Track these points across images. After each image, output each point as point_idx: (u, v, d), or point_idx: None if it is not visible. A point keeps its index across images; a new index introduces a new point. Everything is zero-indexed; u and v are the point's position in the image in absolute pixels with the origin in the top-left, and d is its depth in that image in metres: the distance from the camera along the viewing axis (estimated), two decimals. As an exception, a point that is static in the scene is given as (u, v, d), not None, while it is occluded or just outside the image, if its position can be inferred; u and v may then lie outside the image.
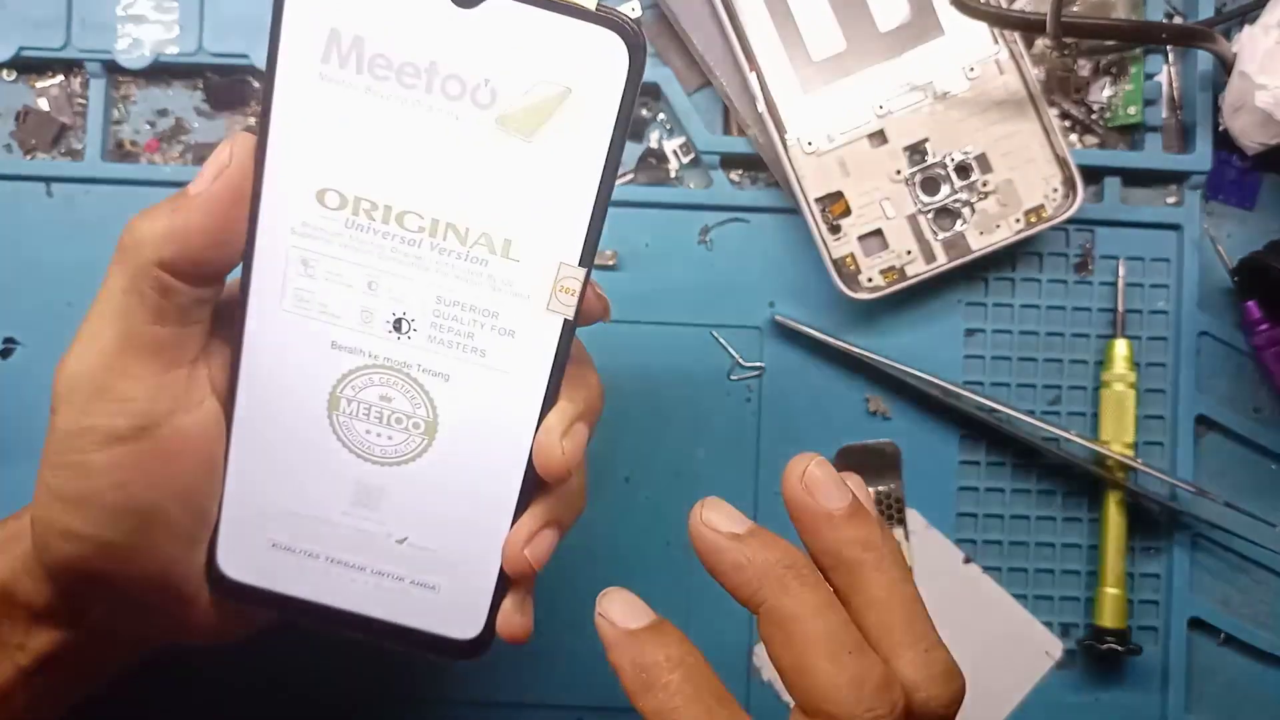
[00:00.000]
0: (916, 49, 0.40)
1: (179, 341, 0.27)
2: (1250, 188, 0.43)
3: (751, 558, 0.25)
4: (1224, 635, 0.42)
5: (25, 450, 0.40)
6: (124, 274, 0.26)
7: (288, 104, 0.25)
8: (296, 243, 0.26)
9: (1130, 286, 0.42)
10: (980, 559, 0.42)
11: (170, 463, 0.27)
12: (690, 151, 0.42)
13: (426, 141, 0.25)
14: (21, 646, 0.30)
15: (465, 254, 0.26)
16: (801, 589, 0.25)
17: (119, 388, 0.26)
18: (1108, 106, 0.42)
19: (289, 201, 0.26)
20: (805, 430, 0.41)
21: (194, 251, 0.26)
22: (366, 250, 0.26)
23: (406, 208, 0.26)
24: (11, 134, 0.41)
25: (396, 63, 0.25)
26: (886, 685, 0.24)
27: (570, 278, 0.27)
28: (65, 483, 0.26)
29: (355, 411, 0.28)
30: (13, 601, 0.29)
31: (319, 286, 0.27)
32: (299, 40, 0.25)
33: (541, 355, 0.27)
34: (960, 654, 0.27)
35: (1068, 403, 0.42)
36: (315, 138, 0.25)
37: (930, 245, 0.40)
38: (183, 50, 0.41)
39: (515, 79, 0.25)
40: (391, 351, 0.27)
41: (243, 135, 0.26)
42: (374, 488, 0.28)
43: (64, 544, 0.27)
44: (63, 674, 0.30)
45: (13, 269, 0.41)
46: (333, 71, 0.25)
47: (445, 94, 0.25)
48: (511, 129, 0.25)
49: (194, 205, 0.26)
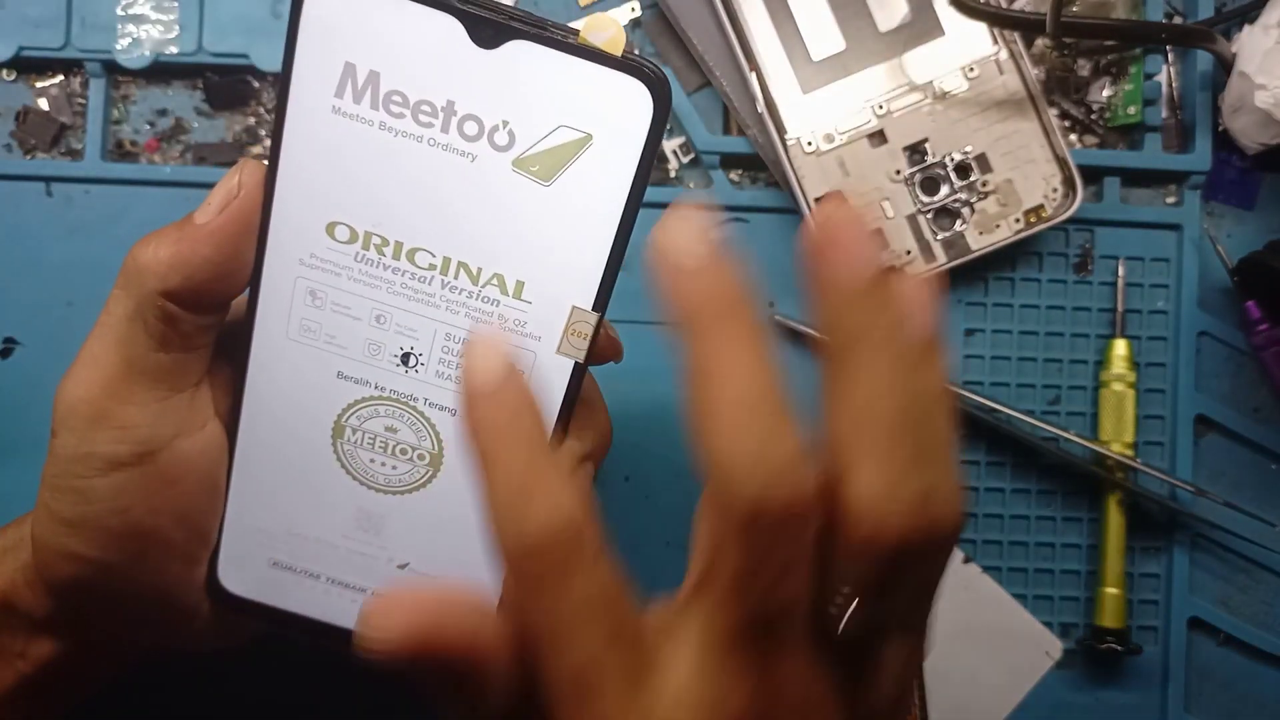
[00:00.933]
0: (916, 49, 0.40)
1: (182, 367, 0.27)
2: (1250, 188, 0.43)
3: (690, 291, 0.20)
4: (1224, 635, 0.42)
5: (25, 450, 0.40)
6: (128, 301, 0.26)
7: (299, 136, 0.25)
8: (304, 274, 0.26)
9: (1130, 286, 0.42)
10: (980, 559, 0.42)
11: (172, 486, 0.27)
12: (690, 151, 0.42)
13: (440, 180, 0.25)
14: (22, 655, 0.30)
15: (476, 293, 0.26)
16: (725, 340, 0.19)
17: (121, 414, 0.26)
18: (1107, 106, 0.42)
19: (298, 233, 0.26)
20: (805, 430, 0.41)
21: (200, 283, 0.25)
22: (376, 285, 0.26)
23: (418, 245, 0.26)
24: (11, 134, 0.41)
25: (413, 100, 0.24)
26: (800, 469, 0.19)
27: (582, 322, 0.26)
28: (66, 507, 0.26)
29: (360, 441, 0.28)
30: (13, 612, 0.29)
31: (326, 318, 0.26)
32: (313, 73, 0.24)
33: (550, 395, 0.27)
34: (960, 654, 0.26)
35: (1067, 403, 0.42)
36: (326, 171, 0.25)
37: (930, 245, 0.40)
38: (183, 50, 0.41)
39: (535, 123, 0.24)
40: (398, 384, 0.27)
41: (252, 164, 0.26)
42: (376, 515, 0.28)
43: (65, 565, 0.27)
44: (63, 680, 0.30)
45: (13, 269, 0.41)
46: (347, 106, 0.24)
47: (462, 134, 0.24)
48: (529, 172, 0.25)
49: (201, 236, 0.25)
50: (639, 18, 0.41)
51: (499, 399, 0.20)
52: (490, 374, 0.20)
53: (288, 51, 0.24)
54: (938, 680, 0.41)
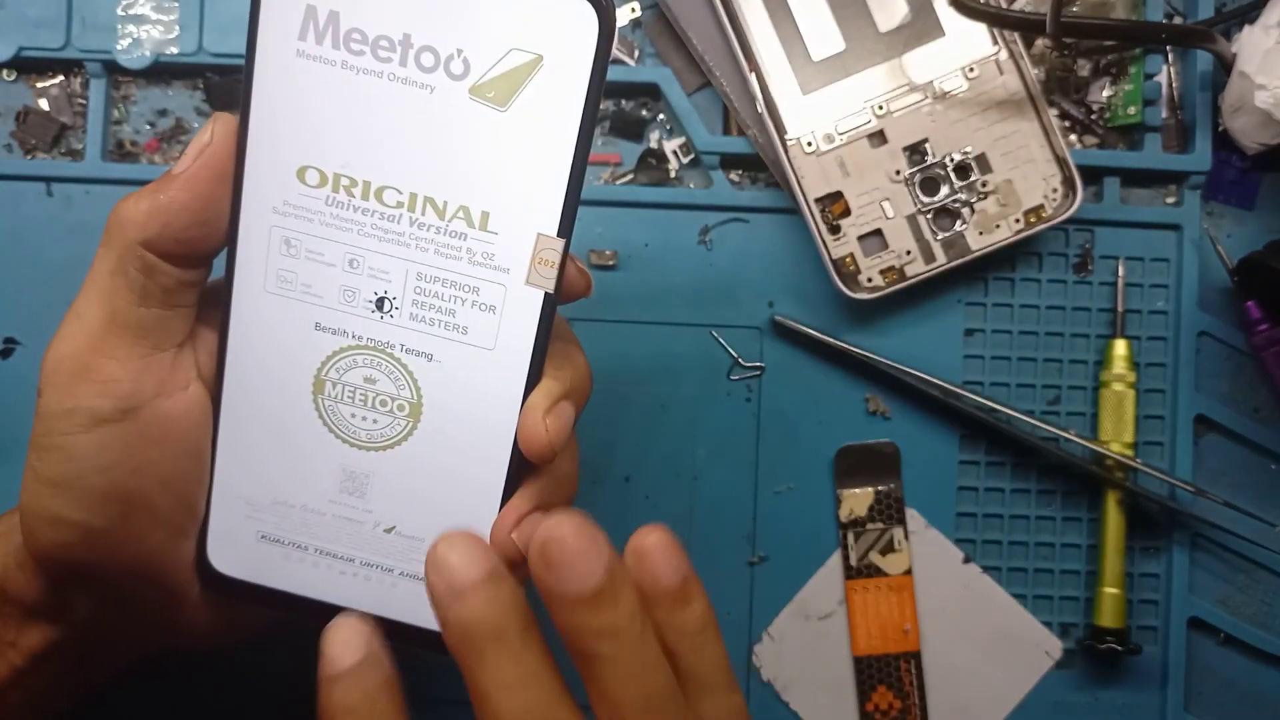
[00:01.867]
0: (916, 49, 0.40)
1: (164, 324, 0.27)
2: (1250, 188, 0.43)
3: (458, 617, 0.23)
4: (1223, 635, 0.42)
5: (25, 450, 0.40)
6: (109, 255, 0.26)
7: (266, 82, 0.26)
8: (278, 222, 0.27)
9: (1130, 286, 0.42)
10: (980, 559, 0.42)
11: (155, 446, 0.27)
12: (690, 151, 0.42)
13: (402, 115, 0.26)
14: (14, 644, 0.30)
15: (444, 228, 0.26)
16: (500, 660, 0.22)
17: (103, 368, 0.26)
18: (1107, 106, 0.42)
19: (270, 181, 0.26)
20: (805, 430, 0.41)
21: (177, 230, 0.26)
22: (347, 228, 0.27)
23: (385, 183, 0.26)
24: (11, 134, 0.41)
25: (371, 36, 0.25)
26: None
27: (549, 249, 0.27)
28: (50, 466, 0.26)
29: (340, 395, 0.28)
30: (4, 597, 0.29)
31: (301, 266, 0.27)
32: (276, 18, 0.25)
33: (523, 331, 0.27)
34: (960, 654, 0.27)
35: (1067, 403, 0.42)
36: (294, 115, 0.26)
37: (930, 245, 0.40)
38: (183, 50, 0.41)
39: (488, 48, 0.25)
40: (374, 331, 0.27)
41: (224, 116, 0.26)
42: (360, 474, 0.28)
43: (51, 530, 0.27)
44: (56, 673, 0.30)
45: (13, 269, 0.41)
46: (309, 48, 0.25)
47: (420, 66, 0.25)
48: (485, 99, 0.25)
49: (176, 184, 0.26)
50: (639, 18, 0.42)
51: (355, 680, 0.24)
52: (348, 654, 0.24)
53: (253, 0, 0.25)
54: (938, 680, 0.41)
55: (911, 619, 0.41)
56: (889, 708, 0.41)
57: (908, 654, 0.41)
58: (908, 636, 0.41)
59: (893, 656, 0.41)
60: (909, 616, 0.41)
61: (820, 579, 0.41)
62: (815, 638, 0.41)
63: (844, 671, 0.41)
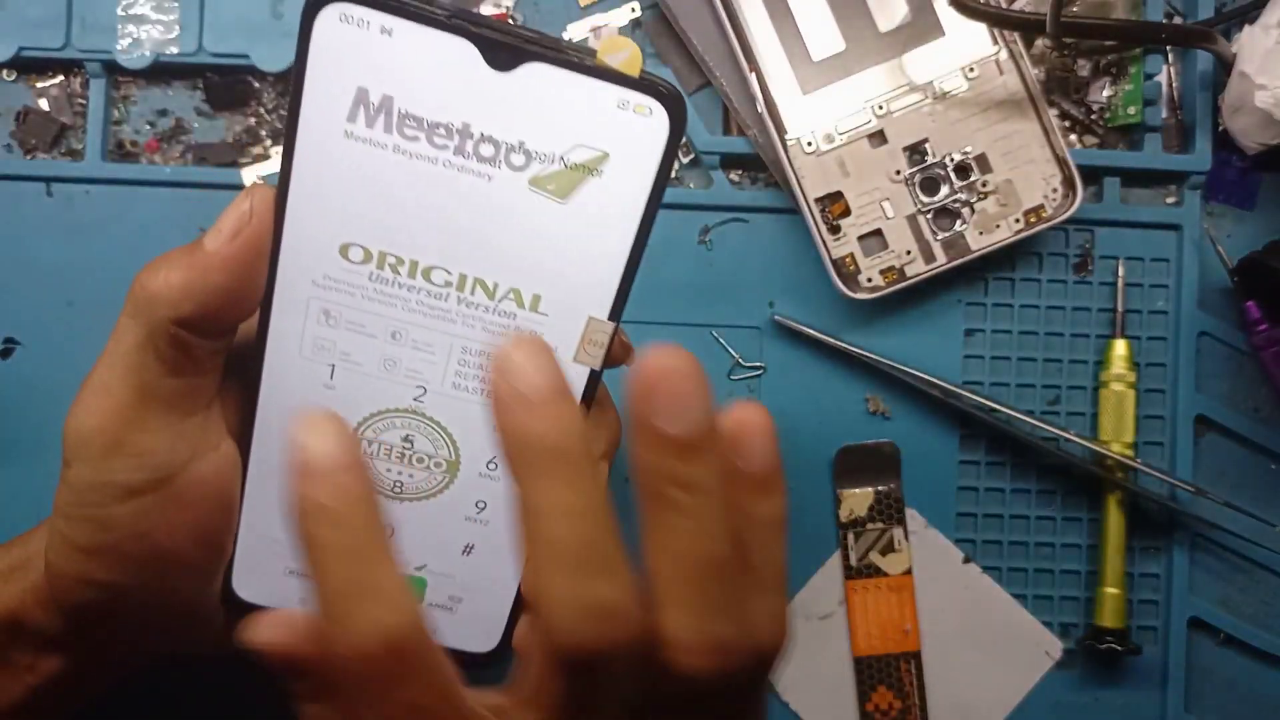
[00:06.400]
0: (916, 49, 0.40)
1: (195, 390, 0.26)
2: (1250, 188, 0.43)
3: (522, 427, 0.20)
4: (1224, 635, 0.42)
5: (25, 450, 0.40)
6: (138, 330, 0.25)
7: (310, 160, 0.24)
8: (317, 294, 0.26)
9: (1130, 286, 0.42)
10: (980, 559, 0.42)
11: (190, 508, 0.27)
12: (690, 151, 0.42)
13: (456, 199, 0.25)
14: (31, 668, 0.30)
15: (493, 308, 0.26)
16: (562, 483, 0.20)
17: (137, 442, 0.25)
18: (1107, 106, 0.42)
19: (310, 255, 0.25)
20: (805, 430, 0.41)
21: (213, 309, 0.25)
22: (390, 303, 0.26)
23: (433, 263, 0.25)
24: (11, 134, 0.41)
25: (427, 123, 0.24)
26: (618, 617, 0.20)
27: (599, 331, 0.26)
28: (84, 535, 0.26)
29: (376, 452, 0.28)
30: (22, 629, 0.29)
31: (340, 336, 0.26)
32: (324, 98, 0.24)
33: None
34: (960, 654, 0.26)
35: (1067, 403, 0.42)
36: (339, 193, 0.25)
37: (930, 245, 0.40)
38: (183, 50, 0.41)
39: (552, 143, 0.24)
40: (415, 399, 0.27)
41: (262, 189, 0.25)
42: (392, 521, 0.28)
43: (83, 590, 0.27)
44: (71, 689, 0.31)
45: (13, 269, 0.41)
46: (359, 130, 0.24)
47: (478, 155, 0.24)
48: (545, 190, 0.25)
49: (214, 264, 0.25)
50: (639, 18, 0.41)
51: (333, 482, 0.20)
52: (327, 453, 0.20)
53: (297, 76, 0.24)
54: (938, 680, 0.41)
55: (911, 619, 0.41)
56: (889, 708, 0.41)
57: (908, 654, 0.41)
58: (908, 636, 0.41)
59: (893, 656, 0.41)
60: (909, 616, 0.41)
61: (820, 579, 0.41)
62: (815, 638, 0.41)
63: (844, 671, 0.41)
